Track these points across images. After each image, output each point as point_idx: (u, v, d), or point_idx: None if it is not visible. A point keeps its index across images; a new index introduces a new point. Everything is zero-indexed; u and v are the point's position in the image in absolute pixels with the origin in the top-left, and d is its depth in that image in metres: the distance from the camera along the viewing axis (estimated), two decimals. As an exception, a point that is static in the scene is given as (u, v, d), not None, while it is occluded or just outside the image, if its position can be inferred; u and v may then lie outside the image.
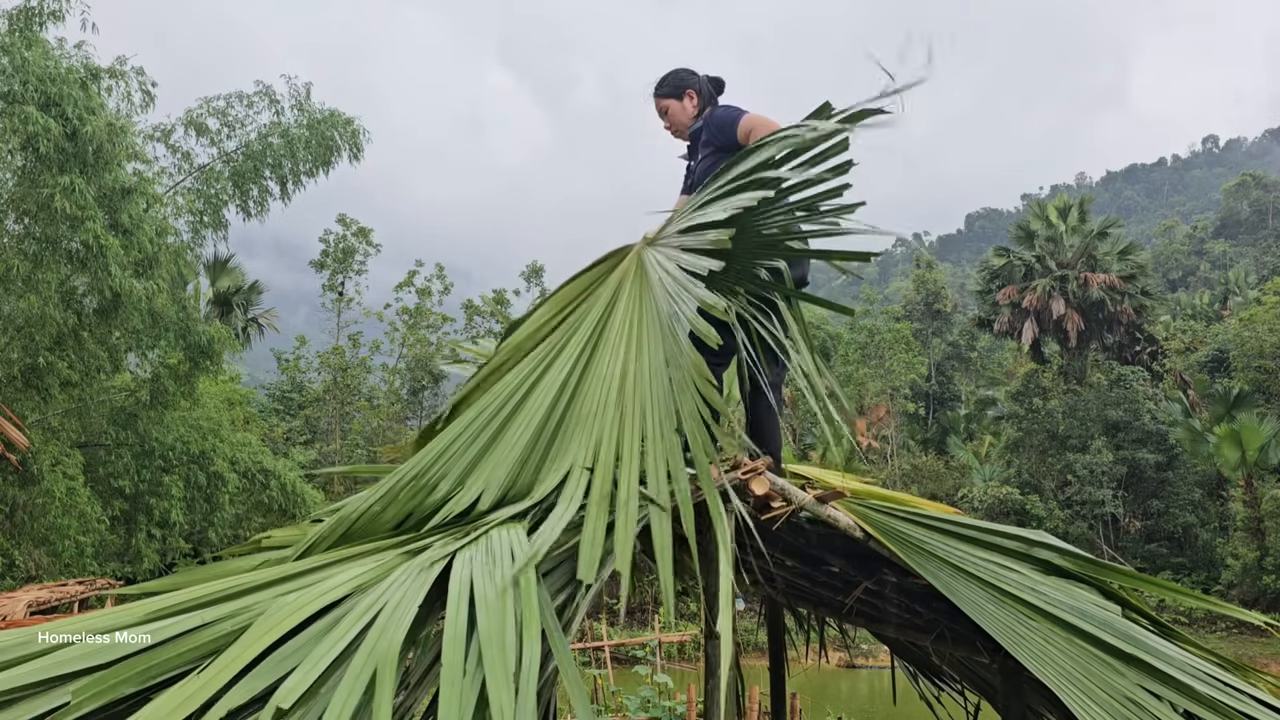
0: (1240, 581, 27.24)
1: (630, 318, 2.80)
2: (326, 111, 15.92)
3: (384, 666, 1.77)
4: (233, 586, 2.12)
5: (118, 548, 16.15)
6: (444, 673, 1.79)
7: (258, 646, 1.82)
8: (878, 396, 36.94)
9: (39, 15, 12.59)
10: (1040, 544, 2.87)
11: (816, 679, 15.44)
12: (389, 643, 1.83)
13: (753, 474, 2.87)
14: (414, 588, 2.06)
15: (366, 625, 1.91)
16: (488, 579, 2.06)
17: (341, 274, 32.18)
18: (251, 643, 1.83)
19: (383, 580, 2.12)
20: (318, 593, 2.04)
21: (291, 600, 2.00)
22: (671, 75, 3.82)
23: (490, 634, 1.88)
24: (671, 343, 2.62)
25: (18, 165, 12.67)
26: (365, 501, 2.61)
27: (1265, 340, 30.19)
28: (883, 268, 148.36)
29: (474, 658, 1.84)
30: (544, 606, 2.02)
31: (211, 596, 2.07)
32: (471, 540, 2.30)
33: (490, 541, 2.26)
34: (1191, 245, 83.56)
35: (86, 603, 11.92)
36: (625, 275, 2.98)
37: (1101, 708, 2.24)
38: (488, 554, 2.19)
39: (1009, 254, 36.58)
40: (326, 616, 1.97)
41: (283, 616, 1.91)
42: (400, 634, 1.86)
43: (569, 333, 2.91)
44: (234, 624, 1.94)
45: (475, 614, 1.94)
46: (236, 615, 1.97)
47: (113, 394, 15.56)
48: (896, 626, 4.17)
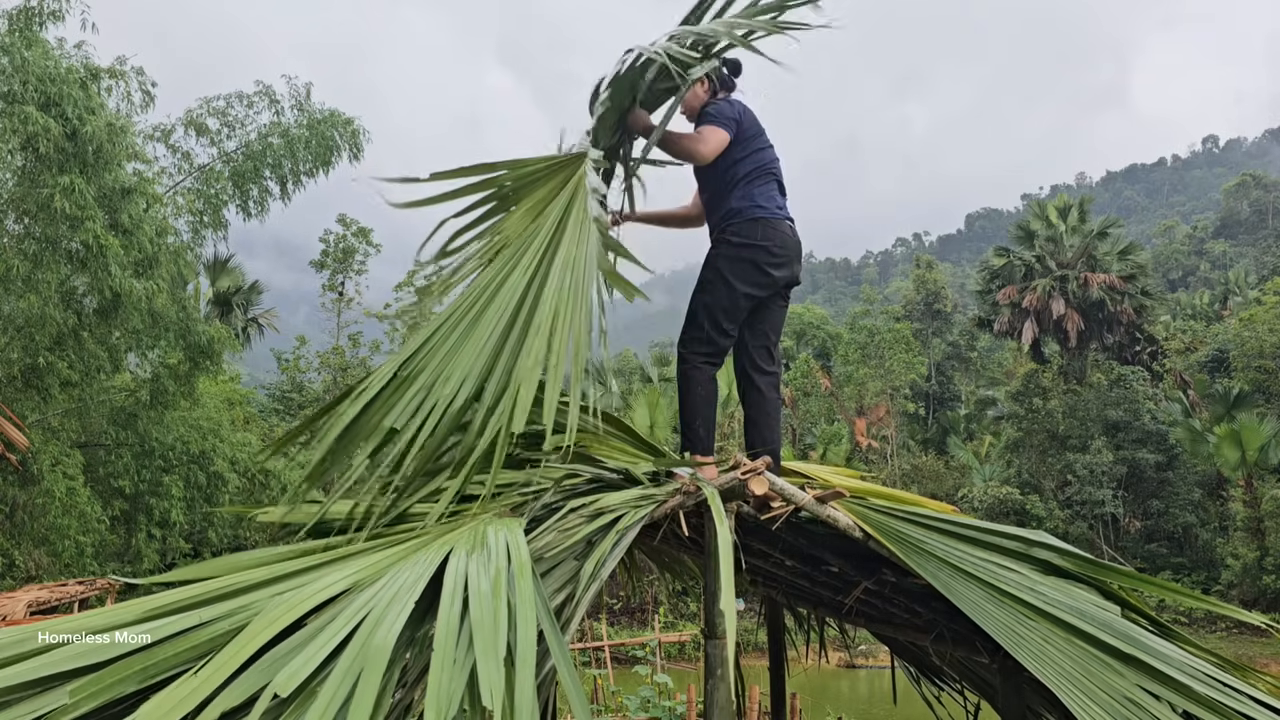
0: (1240, 581, 27.23)
1: (576, 234, 3.01)
2: (326, 111, 15.91)
3: (372, 664, 1.78)
4: (231, 585, 2.12)
5: (118, 548, 16.16)
6: (434, 657, 1.81)
7: (251, 647, 1.83)
8: (878, 396, 36.94)
9: (39, 15, 12.59)
10: (1040, 544, 2.87)
11: (816, 679, 15.44)
12: (380, 641, 1.84)
13: (752, 474, 2.87)
14: (408, 584, 2.06)
15: (358, 624, 1.91)
16: (482, 573, 2.07)
17: (341, 274, 32.16)
18: (245, 643, 1.84)
19: (378, 579, 2.13)
20: (312, 591, 2.04)
21: (287, 599, 2.01)
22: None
23: (482, 620, 1.89)
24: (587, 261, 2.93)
25: (18, 165, 12.67)
26: (353, 405, 2.70)
27: (1265, 340, 30.18)
28: (883, 268, 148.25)
29: (464, 645, 1.85)
30: (539, 597, 2.02)
31: (210, 594, 2.07)
32: (467, 536, 2.31)
33: (486, 539, 2.27)
34: (1191, 245, 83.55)
35: (86, 603, 11.91)
36: (574, 193, 3.11)
37: (1101, 708, 2.25)
38: (483, 550, 2.20)
39: (1009, 254, 36.58)
40: (321, 615, 1.97)
41: (277, 616, 1.92)
42: (392, 633, 1.87)
43: (529, 239, 3.07)
44: (231, 623, 1.94)
45: (469, 607, 1.96)
46: (234, 615, 1.98)
47: (113, 394, 15.56)
48: (896, 626, 4.17)
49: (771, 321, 3.65)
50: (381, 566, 2.21)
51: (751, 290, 3.47)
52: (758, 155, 3.56)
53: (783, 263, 3.51)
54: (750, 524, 3.08)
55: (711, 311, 3.46)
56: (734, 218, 3.51)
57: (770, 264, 3.48)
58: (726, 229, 3.53)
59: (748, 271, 3.46)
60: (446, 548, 2.25)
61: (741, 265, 3.47)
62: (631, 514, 2.58)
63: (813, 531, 3.40)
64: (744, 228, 3.49)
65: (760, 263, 3.47)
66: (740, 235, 3.49)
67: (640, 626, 25.81)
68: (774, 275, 3.50)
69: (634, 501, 2.69)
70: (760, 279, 3.48)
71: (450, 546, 2.25)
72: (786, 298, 3.69)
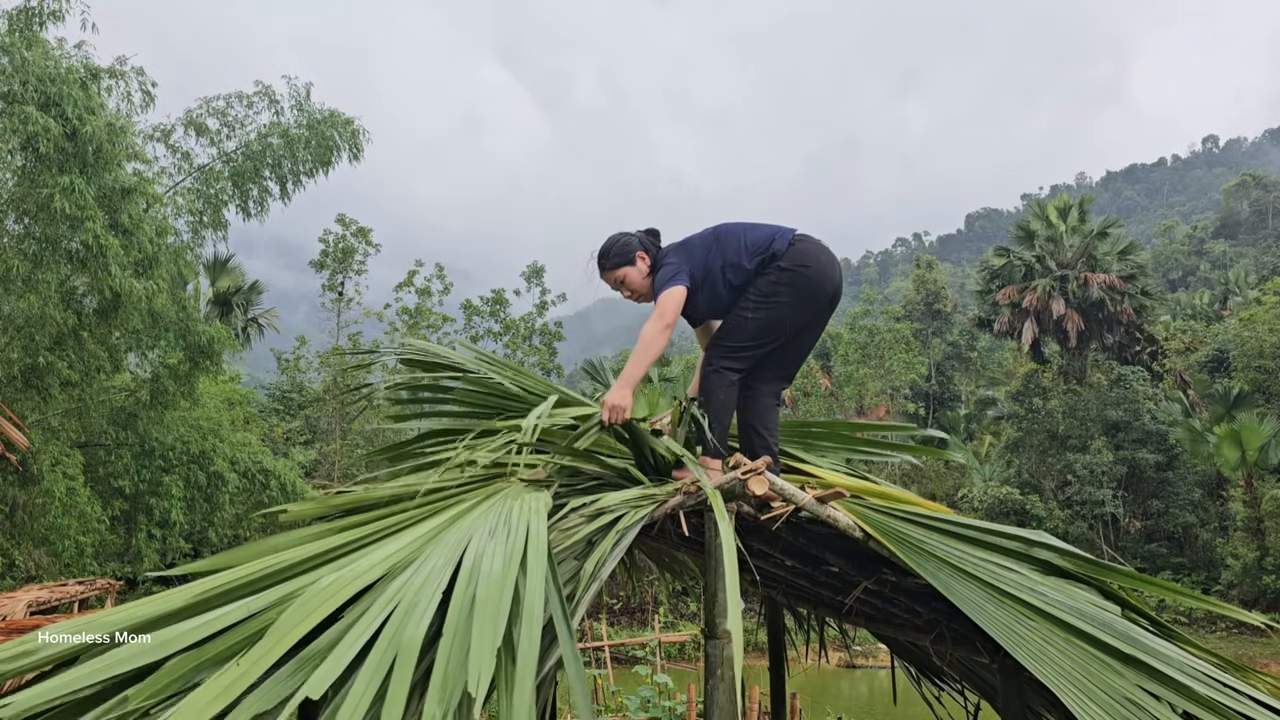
0: (1240, 581, 27.23)
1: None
2: (326, 111, 15.90)
3: (403, 660, 1.78)
4: (273, 566, 2.16)
5: (118, 548, 16.14)
6: (441, 644, 1.83)
7: (281, 648, 1.84)
8: (878, 396, 36.94)
9: (39, 15, 12.58)
10: (1040, 544, 2.87)
11: (816, 679, 15.45)
12: (410, 636, 1.84)
13: (752, 474, 2.87)
14: (437, 569, 2.08)
15: (388, 615, 1.93)
16: (498, 553, 2.09)
17: (341, 274, 32.14)
18: (275, 643, 1.84)
19: (411, 563, 2.14)
20: (348, 579, 2.05)
21: (327, 586, 2.03)
22: (614, 245, 3.60)
23: (486, 603, 1.90)
24: None
25: (17, 165, 12.66)
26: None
27: (1265, 340, 30.18)
28: (883, 268, 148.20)
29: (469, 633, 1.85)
30: (553, 585, 2.02)
31: (254, 578, 2.10)
32: (495, 511, 2.33)
33: (510, 516, 2.29)
34: (1191, 245, 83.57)
35: (86, 603, 11.91)
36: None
37: (1101, 708, 2.24)
38: (505, 527, 2.22)
39: (1009, 254, 36.57)
40: (354, 606, 1.98)
41: (315, 605, 1.93)
42: (421, 626, 1.88)
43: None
44: (277, 612, 1.96)
45: (477, 589, 1.97)
46: (277, 605, 1.99)
47: (113, 394, 15.55)
48: (896, 626, 4.17)
49: (815, 337, 3.66)
50: (414, 549, 2.22)
51: (804, 316, 3.48)
52: (723, 249, 3.48)
53: (826, 283, 3.48)
54: (750, 524, 3.08)
55: (761, 328, 3.43)
56: (772, 260, 3.46)
57: (819, 288, 3.46)
58: (771, 264, 3.46)
59: (802, 296, 3.44)
60: (474, 526, 2.27)
61: (795, 290, 3.43)
62: (632, 514, 2.58)
63: (813, 531, 3.40)
64: (790, 255, 3.45)
65: (812, 288, 3.45)
66: (790, 260, 3.44)
67: (640, 626, 25.80)
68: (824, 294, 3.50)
69: (634, 501, 2.69)
70: (815, 302, 3.48)
71: (476, 524, 2.28)
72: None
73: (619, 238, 3.62)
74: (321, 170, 15.85)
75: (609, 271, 3.60)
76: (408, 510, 2.58)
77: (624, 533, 2.49)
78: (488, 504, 2.52)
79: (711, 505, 2.54)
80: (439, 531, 2.33)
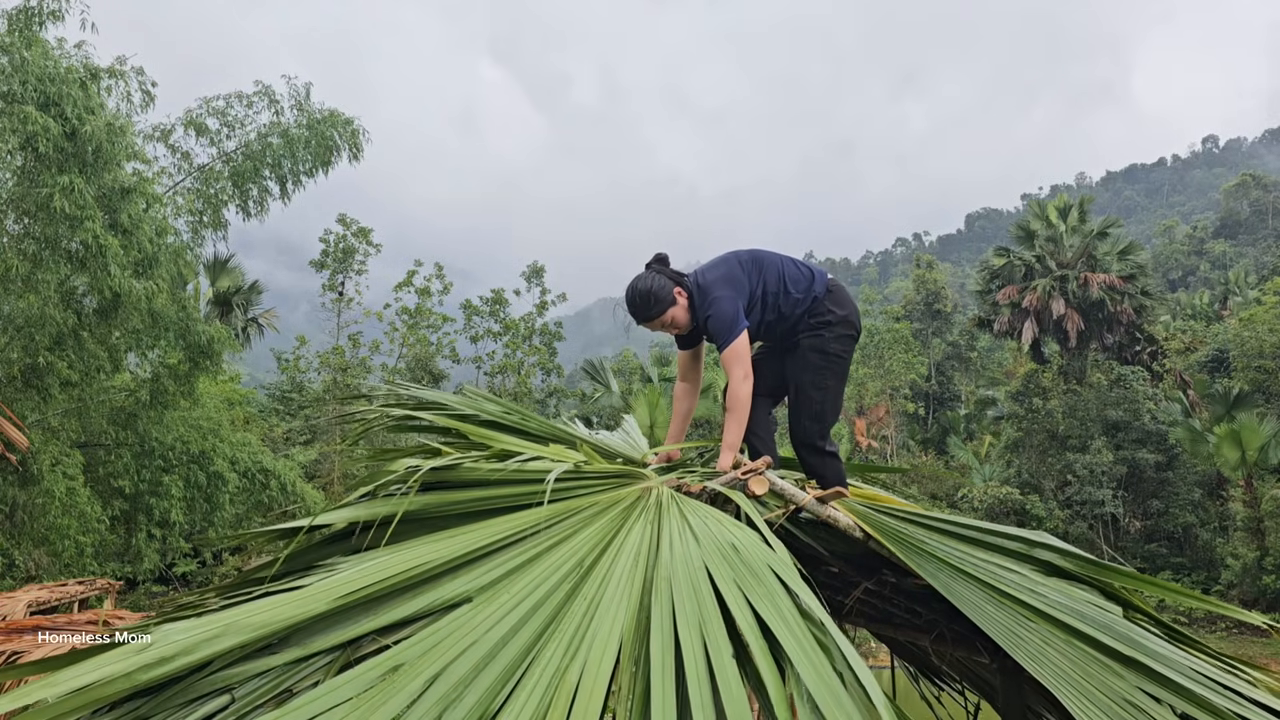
0: (1240, 581, 27.23)
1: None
2: (326, 111, 15.90)
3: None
4: (441, 557, 2.23)
5: (118, 548, 16.14)
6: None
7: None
8: (878, 396, 36.95)
9: (39, 15, 12.57)
10: (1041, 545, 2.86)
11: (816, 679, 15.35)
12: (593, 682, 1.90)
13: (752, 474, 2.87)
14: (616, 593, 2.18)
15: (570, 655, 1.99)
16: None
17: (341, 274, 32.17)
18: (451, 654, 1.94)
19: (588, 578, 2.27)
20: (528, 606, 2.14)
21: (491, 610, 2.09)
22: (650, 292, 3.45)
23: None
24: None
25: (17, 165, 12.66)
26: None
27: (1265, 340, 30.19)
28: (883, 268, 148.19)
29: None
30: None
31: (413, 573, 2.16)
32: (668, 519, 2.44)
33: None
34: (1191, 245, 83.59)
35: (86, 603, 11.90)
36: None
37: (1100, 709, 2.24)
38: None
39: (1009, 254, 36.58)
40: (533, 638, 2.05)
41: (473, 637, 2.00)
42: (603, 671, 1.93)
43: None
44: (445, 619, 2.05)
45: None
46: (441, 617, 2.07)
47: (113, 394, 15.54)
48: (896, 626, 4.16)
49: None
50: (579, 556, 2.32)
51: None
52: (764, 276, 3.53)
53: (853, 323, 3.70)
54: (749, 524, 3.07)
55: (841, 386, 3.64)
56: (815, 302, 3.58)
57: (858, 333, 3.72)
58: (817, 307, 3.59)
59: (853, 344, 3.71)
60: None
61: (852, 341, 3.67)
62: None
63: (813, 531, 3.40)
64: (833, 300, 3.60)
65: (857, 336, 3.71)
66: (837, 308, 3.61)
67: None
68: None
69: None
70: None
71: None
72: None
73: (648, 282, 3.45)
74: (321, 170, 15.85)
75: (655, 320, 3.49)
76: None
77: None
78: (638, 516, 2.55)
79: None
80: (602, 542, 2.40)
